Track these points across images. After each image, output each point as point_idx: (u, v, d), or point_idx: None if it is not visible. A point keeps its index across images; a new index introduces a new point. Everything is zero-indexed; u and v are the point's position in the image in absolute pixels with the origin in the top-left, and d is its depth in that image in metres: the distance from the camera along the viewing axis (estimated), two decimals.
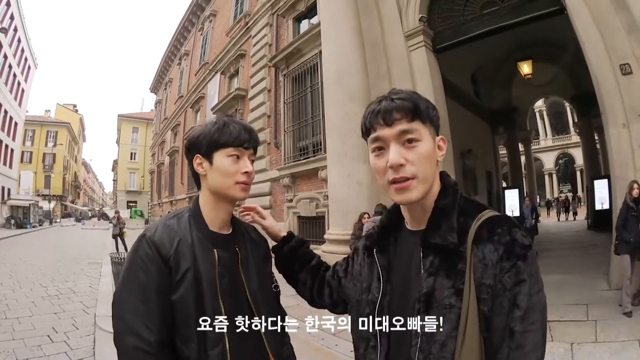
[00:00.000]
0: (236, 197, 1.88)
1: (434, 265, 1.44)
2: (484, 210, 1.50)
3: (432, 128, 1.50)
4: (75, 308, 9.91)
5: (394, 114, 1.44)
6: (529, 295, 1.33)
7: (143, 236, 1.81)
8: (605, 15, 8.31)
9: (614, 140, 8.41)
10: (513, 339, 1.32)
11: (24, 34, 55.73)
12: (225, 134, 1.85)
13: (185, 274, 1.73)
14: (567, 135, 56.78)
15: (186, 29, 36.04)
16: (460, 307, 1.36)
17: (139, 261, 1.74)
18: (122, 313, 1.72)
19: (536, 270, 1.37)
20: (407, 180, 1.43)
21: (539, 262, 1.37)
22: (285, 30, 18.20)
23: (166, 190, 41.06)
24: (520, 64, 18.65)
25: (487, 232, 1.41)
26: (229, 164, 1.84)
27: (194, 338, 1.70)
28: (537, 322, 1.33)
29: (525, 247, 1.37)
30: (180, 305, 1.71)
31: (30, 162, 71.46)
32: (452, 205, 1.52)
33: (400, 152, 1.43)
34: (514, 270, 1.34)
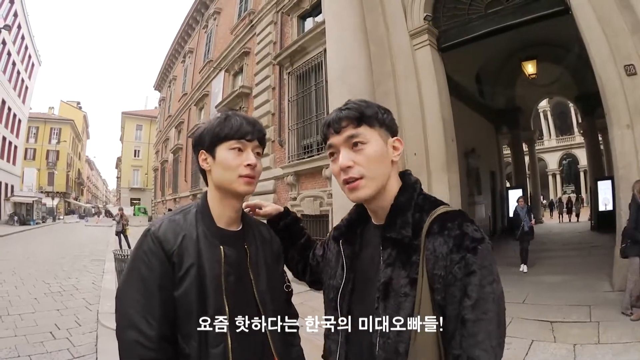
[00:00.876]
0: (239, 191, 1.86)
1: (391, 257, 1.58)
2: (439, 207, 1.62)
3: (383, 130, 1.67)
4: (78, 305, 9.96)
5: (342, 122, 1.63)
6: (480, 285, 1.41)
7: (148, 231, 1.82)
8: (609, 16, 8.31)
9: (617, 141, 8.42)
10: (465, 327, 1.41)
11: (27, 31, 55.83)
12: (226, 127, 1.85)
13: (189, 270, 1.73)
14: (571, 135, 56.65)
15: (190, 27, 36.01)
16: (415, 295, 1.49)
17: (143, 256, 1.75)
18: (124, 307, 1.74)
19: (489, 262, 1.46)
20: (356, 180, 1.60)
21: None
22: (290, 28, 18.18)
23: (170, 188, 41.00)
24: (524, 63, 18.64)
25: (438, 227, 1.53)
26: (231, 157, 1.83)
27: (195, 335, 1.70)
28: (490, 312, 1.42)
29: (475, 240, 1.47)
30: (182, 302, 1.72)
31: (33, 159, 71.70)
32: (408, 202, 1.64)
33: (348, 156, 1.61)
34: (462, 262, 1.44)
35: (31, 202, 53.16)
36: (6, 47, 46.97)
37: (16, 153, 56.87)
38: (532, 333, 6.82)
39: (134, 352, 1.66)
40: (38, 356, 6.49)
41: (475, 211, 18.39)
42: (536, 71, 18.77)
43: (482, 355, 1.39)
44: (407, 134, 10.69)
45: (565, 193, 49.88)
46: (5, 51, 47.01)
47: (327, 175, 13.64)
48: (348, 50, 11.03)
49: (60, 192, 76.57)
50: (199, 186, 29.66)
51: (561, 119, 58.18)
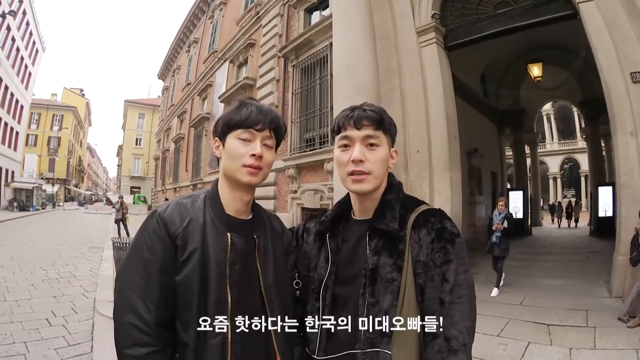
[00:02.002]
0: (242, 181, 1.83)
1: (378, 247, 1.77)
2: (421, 204, 1.85)
3: (389, 139, 1.87)
4: (75, 292, 9.96)
5: (364, 121, 1.80)
6: (456, 273, 1.63)
7: (154, 212, 1.81)
8: (618, 22, 8.32)
9: (621, 147, 8.44)
10: (443, 308, 1.60)
11: (32, 17, 55.71)
12: (237, 115, 1.83)
13: (192, 255, 1.70)
14: (574, 140, 56.65)
15: (196, 17, 36.00)
16: (400, 280, 1.67)
17: (146, 237, 1.73)
18: (123, 289, 1.72)
19: (464, 254, 1.69)
20: (363, 174, 1.78)
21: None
22: (296, 21, 18.13)
23: (170, 177, 41.01)
24: (530, 66, 18.59)
25: (423, 220, 1.75)
26: (238, 145, 1.81)
27: (194, 324, 1.66)
28: (464, 296, 1.62)
29: (453, 234, 1.71)
30: (183, 287, 1.68)
31: (35, 145, 71.66)
32: (395, 199, 1.86)
33: (362, 151, 1.78)
34: (443, 251, 1.66)
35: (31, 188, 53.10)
36: (11, 32, 46.88)
37: (17, 139, 56.83)
38: (529, 335, 6.85)
39: (129, 334, 1.63)
40: (33, 343, 6.47)
41: (476, 211, 18.45)
42: (542, 74, 18.73)
43: (457, 334, 1.56)
44: (411, 131, 10.70)
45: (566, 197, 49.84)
46: (9, 37, 46.92)
47: (328, 169, 13.64)
48: (354, 45, 11.01)
49: (61, 179, 76.53)
50: (199, 176, 29.69)
51: (564, 123, 58.21)
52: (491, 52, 16.99)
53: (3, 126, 49.32)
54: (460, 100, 13.23)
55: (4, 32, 45.07)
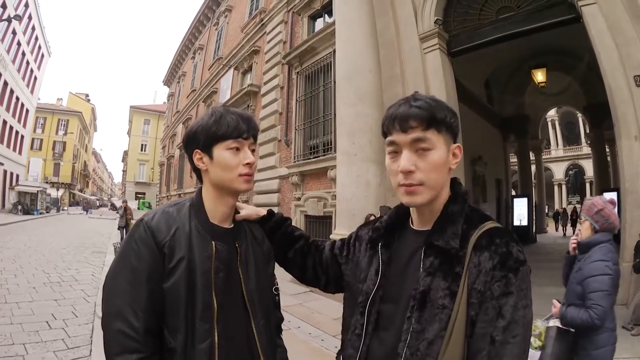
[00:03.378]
0: (240, 189, 1.87)
1: (433, 266, 1.51)
2: (487, 221, 1.57)
3: (448, 136, 1.56)
4: (76, 296, 9.96)
5: (410, 122, 1.50)
6: (515, 307, 1.39)
7: (141, 221, 1.81)
8: (621, 25, 8.24)
9: (625, 152, 8.32)
10: (493, 347, 1.36)
11: (38, 21, 56.06)
12: (222, 125, 1.82)
13: (179, 263, 1.72)
14: (578, 146, 56.66)
15: (201, 23, 36.19)
16: (452, 308, 1.43)
17: (134, 245, 1.74)
18: (111, 296, 1.74)
19: (526, 286, 1.45)
20: (414, 185, 1.51)
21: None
22: (300, 28, 18.22)
23: (175, 183, 41.14)
24: (534, 71, 18.54)
25: (487, 241, 1.49)
26: (230, 157, 1.82)
27: (182, 329, 1.69)
28: (519, 336, 1.37)
29: (519, 261, 1.45)
30: (171, 294, 1.70)
31: (40, 149, 72.02)
32: (459, 213, 1.58)
33: (411, 159, 1.51)
34: (504, 280, 1.41)
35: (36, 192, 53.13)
36: (16, 37, 47.15)
37: (22, 143, 57.08)
38: None
39: (119, 342, 1.65)
40: (32, 345, 6.49)
41: None
42: (545, 79, 18.70)
43: None
44: None
45: (571, 203, 49.75)
46: (15, 41, 47.18)
47: (332, 177, 13.61)
48: (357, 52, 11.05)
49: (66, 183, 76.83)
50: None
51: (569, 129, 58.21)
52: (495, 58, 16.97)
53: (8, 130, 49.52)
54: (464, 107, 13.22)
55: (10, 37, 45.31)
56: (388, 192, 10.87)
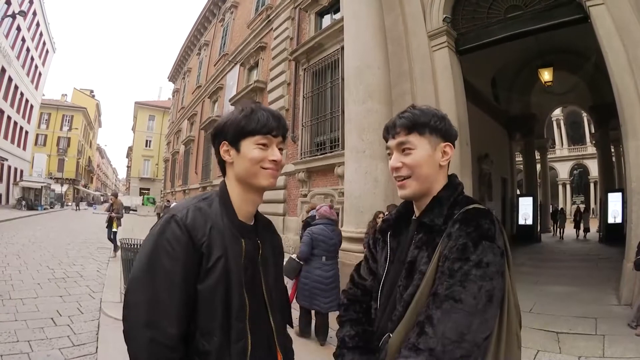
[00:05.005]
0: (263, 184, 1.85)
1: (421, 241, 1.78)
2: (474, 204, 1.78)
3: (433, 137, 1.84)
4: (81, 292, 9.86)
5: (396, 129, 1.86)
6: (466, 274, 1.52)
7: (172, 217, 1.71)
8: (629, 26, 8.21)
9: (632, 152, 8.29)
10: (432, 300, 1.56)
11: (42, 17, 55.92)
12: (252, 121, 1.81)
13: (217, 262, 1.67)
14: (583, 146, 56.41)
15: (207, 20, 36.19)
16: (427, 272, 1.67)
17: (166, 245, 1.64)
18: (140, 302, 1.60)
19: (490, 261, 1.54)
20: (404, 179, 1.85)
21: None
22: (307, 24, 18.26)
23: (180, 179, 41.22)
24: (541, 70, 18.52)
25: (462, 216, 1.69)
26: (257, 152, 1.81)
27: (217, 331, 1.65)
28: (463, 303, 1.49)
29: (484, 236, 1.59)
30: (206, 296, 1.66)
31: (44, 145, 71.93)
32: (447, 197, 1.83)
33: (397, 158, 1.86)
34: (461, 247, 1.57)
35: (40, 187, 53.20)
36: (21, 33, 47.06)
37: (27, 138, 57.02)
38: (538, 343, 6.76)
39: (153, 352, 1.55)
40: (37, 342, 6.41)
41: None
42: (552, 79, 18.67)
43: (431, 335, 1.48)
44: None
45: (575, 203, 49.57)
46: (20, 37, 47.12)
47: (339, 173, 13.63)
48: (366, 48, 11.03)
49: (70, 179, 76.71)
50: (209, 179, 29.89)
51: (574, 129, 57.96)
52: (502, 56, 16.94)
53: (13, 125, 49.46)
54: (471, 105, 13.19)
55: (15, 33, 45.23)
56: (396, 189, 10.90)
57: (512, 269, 1.70)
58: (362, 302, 2.08)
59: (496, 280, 1.53)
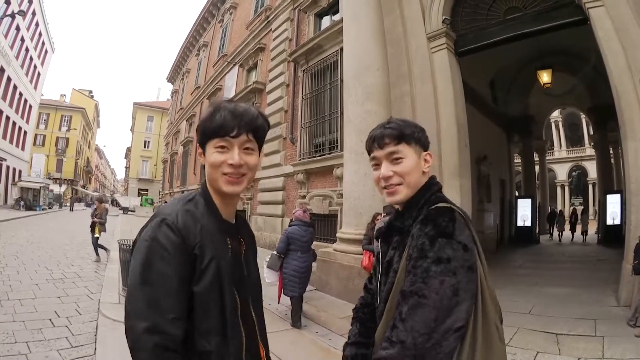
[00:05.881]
0: (224, 190, 1.81)
1: (396, 242, 1.93)
2: (441, 202, 1.85)
3: (417, 146, 1.96)
4: (79, 293, 9.85)
5: (385, 139, 1.94)
6: (426, 271, 1.60)
7: (162, 221, 1.69)
8: (628, 28, 8.23)
9: (631, 154, 8.30)
10: (402, 299, 1.64)
11: (42, 17, 55.83)
12: (212, 122, 1.78)
13: (210, 263, 1.67)
14: (582, 147, 56.43)
15: (206, 20, 36.16)
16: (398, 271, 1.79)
17: (160, 250, 1.62)
18: (140, 310, 1.58)
19: (449, 257, 1.60)
20: (395, 186, 1.92)
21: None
22: (307, 25, 18.26)
23: (178, 180, 41.18)
24: (540, 72, 18.56)
25: (424, 216, 1.78)
26: (215, 156, 1.78)
27: (216, 330, 1.66)
28: (427, 299, 1.56)
29: (440, 233, 1.66)
30: (202, 296, 1.65)
31: (43, 145, 71.81)
32: (419, 199, 1.92)
33: (388, 168, 1.93)
34: (420, 246, 1.66)
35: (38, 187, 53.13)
36: (20, 32, 47.00)
37: (25, 138, 56.97)
38: (538, 344, 6.77)
39: (158, 357, 1.53)
40: (35, 343, 6.39)
41: (484, 219, 18.23)
42: (551, 80, 18.70)
43: (401, 329, 1.57)
44: None
45: (573, 205, 49.61)
46: (19, 37, 47.06)
47: (338, 175, 13.65)
48: (365, 50, 11.04)
49: (68, 180, 76.61)
50: None
51: (572, 130, 58.01)
52: (501, 58, 16.95)
53: (11, 125, 49.41)
54: (470, 107, 13.17)
55: (14, 32, 45.17)
56: None
57: (485, 262, 1.76)
58: (370, 305, 2.21)
59: (461, 274, 1.59)
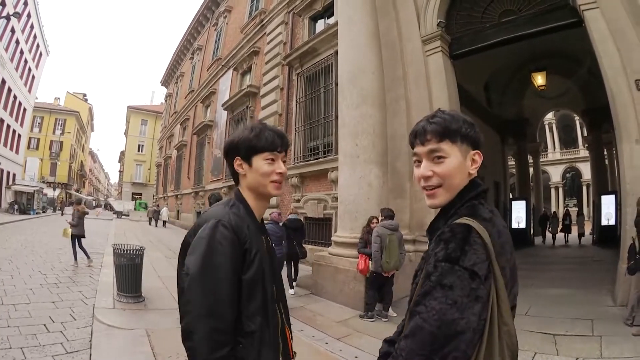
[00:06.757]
0: (272, 194, 2.17)
1: (426, 252, 1.71)
2: (465, 216, 1.64)
3: (464, 145, 1.75)
4: (74, 298, 9.70)
5: (427, 135, 1.74)
6: (424, 295, 1.50)
7: (218, 222, 1.96)
8: (623, 30, 8.31)
9: (626, 155, 8.39)
10: (409, 317, 1.55)
11: (37, 20, 55.55)
12: (261, 140, 2.11)
13: (256, 255, 1.97)
14: (575, 149, 56.68)
15: (200, 24, 36.17)
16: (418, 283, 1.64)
17: (218, 246, 1.90)
18: (200, 297, 1.84)
19: (452, 284, 1.45)
20: (434, 188, 1.75)
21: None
22: (301, 29, 18.23)
23: (172, 184, 41.14)
24: (534, 74, 18.58)
25: (440, 233, 1.61)
26: (266, 166, 2.11)
27: (260, 312, 1.95)
28: (426, 322, 1.45)
29: (445, 258, 1.50)
30: (250, 284, 1.94)
31: (37, 148, 71.49)
32: (449, 209, 1.75)
33: (428, 166, 1.74)
34: (428, 267, 1.54)
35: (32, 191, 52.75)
36: (15, 35, 46.76)
37: (20, 142, 56.68)
38: (535, 345, 6.76)
39: (214, 340, 1.79)
40: (30, 349, 6.28)
41: None
42: (545, 83, 18.72)
43: (400, 350, 1.51)
44: None
45: (567, 206, 49.69)
46: (13, 39, 46.83)
47: (332, 179, 13.65)
48: (360, 53, 11.00)
49: (62, 183, 76.29)
50: (201, 183, 29.94)
51: (566, 132, 58.21)
52: (495, 61, 17.01)
53: (5, 128, 49.14)
54: (465, 109, 13.18)
55: (9, 34, 44.93)
56: (390, 194, 10.88)
57: (507, 290, 1.57)
58: None
59: (462, 304, 1.43)
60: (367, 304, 8.98)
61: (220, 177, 25.97)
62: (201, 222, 2.04)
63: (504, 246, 1.62)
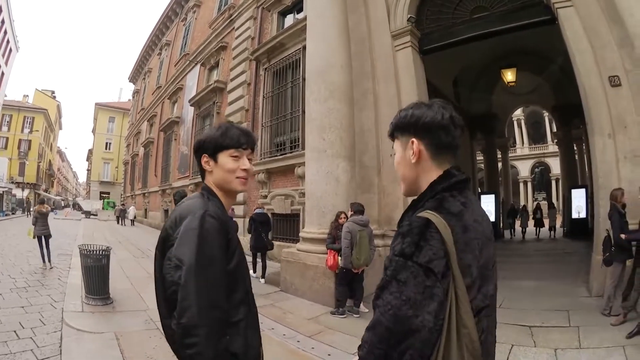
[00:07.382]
0: (237, 189, 2.26)
1: None
2: (427, 210, 1.59)
3: (404, 136, 1.79)
4: (43, 302, 9.47)
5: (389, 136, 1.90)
6: (381, 289, 1.55)
7: (204, 212, 2.00)
8: (597, 28, 8.47)
9: (598, 150, 8.53)
10: (374, 309, 1.56)
11: (8, 15, 54.61)
12: (227, 137, 2.22)
13: (237, 245, 2.08)
14: (544, 144, 57.63)
15: (169, 19, 35.87)
16: None
17: (208, 236, 1.93)
18: (204, 290, 1.84)
19: (403, 277, 1.47)
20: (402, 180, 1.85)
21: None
22: (270, 24, 18.18)
23: (139, 182, 40.88)
24: (504, 71, 18.78)
25: (400, 227, 1.63)
26: (230, 162, 2.21)
27: (244, 300, 2.07)
28: (382, 316, 1.50)
29: (399, 252, 1.52)
30: (235, 273, 2.02)
31: (5, 148, 70.26)
32: (418, 202, 1.72)
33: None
34: (386, 261, 1.59)
35: (1, 192, 52.22)
36: None
37: None
38: (512, 337, 6.77)
39: (220, 329, 1.85)
40: (1, 357, 6.13)
41: None
42: (515, 79, 18.90)
43: (364, 342, 1.58)
44: (384, 134, 10.57)
45: (537, 200, 50.28)
46: None
47: (299, 174, 13.61)
48: (329, 47, 10.89)
49: (31, 183, 75.33)
50: (168, 181, 29.81)
51: (535, 128, 59.22)
52: (465, 56, 17.03)
53: None
54: None
55: None
56: (358, 189, 10.84)
57: (462, 294, 1.49)
58: None
59: (415, 301, 1.43)
60: (338, 300, 8.95)
61: (187, 174, 25.79)
62: (183, 214, 2.05)
63: (470, 243, 1.56)
